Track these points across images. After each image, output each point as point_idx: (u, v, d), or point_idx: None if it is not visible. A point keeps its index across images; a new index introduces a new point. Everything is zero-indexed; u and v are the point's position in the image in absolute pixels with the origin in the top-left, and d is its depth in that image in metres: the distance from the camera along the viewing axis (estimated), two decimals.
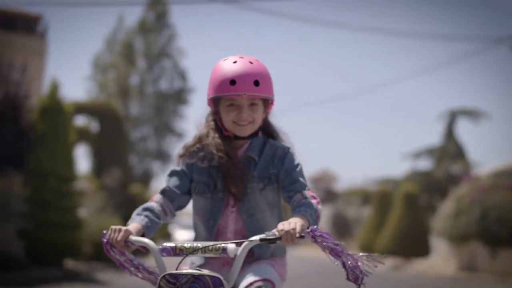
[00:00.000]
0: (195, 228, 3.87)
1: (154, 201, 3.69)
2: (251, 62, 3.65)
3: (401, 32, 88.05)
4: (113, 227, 3.40)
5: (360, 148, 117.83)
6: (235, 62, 3.64)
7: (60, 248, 17.96)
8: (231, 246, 3.24)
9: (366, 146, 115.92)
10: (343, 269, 3.25)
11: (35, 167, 19.15)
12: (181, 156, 3.79)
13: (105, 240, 3.40)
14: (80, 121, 31.62)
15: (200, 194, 3.73)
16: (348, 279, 3.26)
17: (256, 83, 3.57)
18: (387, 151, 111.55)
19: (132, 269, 3.45)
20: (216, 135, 3.71)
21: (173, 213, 3.73)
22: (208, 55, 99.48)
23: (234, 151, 3.72)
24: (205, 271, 3.20)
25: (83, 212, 21.43)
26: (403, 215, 28.94)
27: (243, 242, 3.29)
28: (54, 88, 20.07)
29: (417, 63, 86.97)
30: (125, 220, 4.20)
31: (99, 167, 28.33)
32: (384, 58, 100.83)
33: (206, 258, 3.71)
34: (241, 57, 3.67)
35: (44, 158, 19.11)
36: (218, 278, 3.14)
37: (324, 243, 3.20)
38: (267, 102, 3.75)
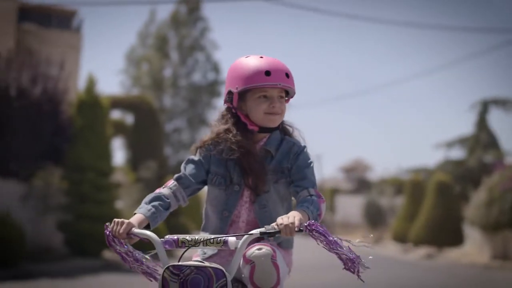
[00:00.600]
0: (206, 216, 3.97)
1: (168, 187, 3.80)
2: (275, 59, 3.81)
3: (432, 25, 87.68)
4: (116, 220, 3.51)
5: (394, 138, 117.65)
6: (261, 57, 3.78)
7: (99, 239, 18.33)
8: (231, 239, 3.34)
9: (400, 136, 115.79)
10: (340, 261, 3.41)
11: (73, 161, 19.60)
12: (198, 147, 3.90)
13: (107, 232, 3.51)
14: (116, 114, 31.93)
15: (217, 186, 3.84)
16: (345, 268, 3.43)
17: (287, 75, 3.72)
18: (421, 141, 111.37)
19: (131, 260, 3.52)
20: (237, 131, 3.80)
21: (185, 200, 3.83)
22: (240, 47, 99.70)
23: (253, 145, 3.83)
24: (207, 263, 3.29)
25: (120, 204, 21.79)
26: (435, 204, 28.82)
27: (243, 235, 3.38)
28: (91, 83, 20.49)
29: (449, 54, 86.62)
30: None
31: (135, 160, 28.62)
32: (417, 50, 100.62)
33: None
34: (265, 56, 3.82)
35: (82, 152, 19.54)
36: (221, 269, 3.24)
37: (320, 237, 3.31)
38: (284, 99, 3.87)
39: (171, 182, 3.83)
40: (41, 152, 19.39)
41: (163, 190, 3.79)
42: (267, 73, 3.67)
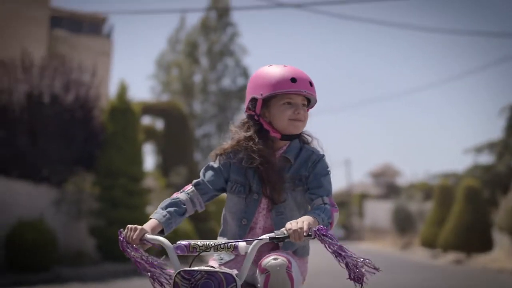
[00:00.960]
0: (224, 222, 3.99)
1: (186, 192, 3.85)
2: (297, 68, 3.85)
3: (462, 31, 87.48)
4: (130, 226, 3.57)
5: (423, 143, 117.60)
6: (285, 66, 3.83)
7: None
8: (241, 244, 3.41)
9: (429, 141, 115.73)
10: (346, 269, 3.42)
11: (105, 167, 19.85)
12: (218, 155, 3.92)
13: (121, 238, 3.58)
14: (146, 120, 32.17)
15: (236, 194, 3.86)
16: (350, 278, 3.44)
17: (311, 84, 3.77)
18: (450, 146, 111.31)
19: (145, 265, 3.58)
20: (259, 140, 3.83)
21: (202, 206, 3.88)
22: (268, 52, 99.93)
23: (273, 153, 3.86)
24: (218, 268, 3.35)
25: (151, 209, 21.95)
26: (464, 210, 28.74)
27: (253, 240, 3.43)
28: (123, 90, 20.76)
29: (479, 60, 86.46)
30: (191, 216, 4.47)
31: (165, 165, 28.81)
32: (447, 56, 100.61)
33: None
34: (288, 65, 3.87)
35: (114, 158, 19.79)
36: (231, 274, 3.29)
37: (330, 244, 3.36)
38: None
39: (189, 187, 3.89)
40: (73, 157, 19.65)
41: (180, 195, 3.85)
42: (293, 80, 3.72)
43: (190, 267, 3.35)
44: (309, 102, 3.89)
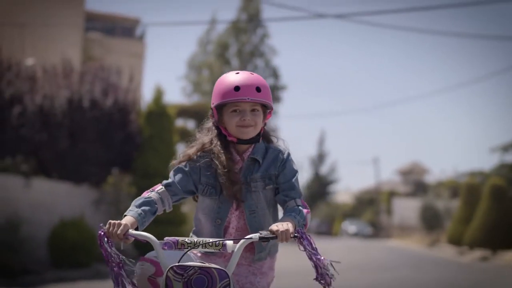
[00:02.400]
0: (197, 223, 4.11)
1: (156, 191, 3.94)
2: (251, 73, 3.96)
3: (487, 35, 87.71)
4: (112, 221, 3.62)
5: (451, 141, 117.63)
6: (237, 73, 3.95)
7: None
8: (229, 242, 3.50)
9: (457, 139, 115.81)
10: (315, 270, 3.61)
11: (142, 168, 20.46)
12: (182, 162, 4.06)
13: (102, 233, 3.61)
14: (179, 122, 32.68)
15: (208, 196, 3.98)
16: (316, 279, 3.61)
17: (258, 89, 3.84)
18: (477, 144, 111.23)
19: (114, 265, 3.66)
20: (219, 142, 3.97)
21: (170, 206, 3.98)
22: (298, 53, 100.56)
23: (239, 154, 4.00)
24: (212, 264, 3.40)
25: (185, 208, 22.49)
26: (491, 208, 28.77)
27: (241, 239, 3.54)
28: (159, 94, 21.51)
29: (504, 61, 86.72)
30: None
31: None
32: (473, 57, 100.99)
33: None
34: (242, 71, 3.98)
35: (150, 160, 20.42)
36: (224, 271, 3.34)
37: (307, 246, 3.56)
38: (266, 111, 4.02)
39: (159, 187, 3.97)
40: (111, 159, 20.30)
41: (151, 194, 3.93)
42: (236, 88, 3.81)
43: (178, 263, 3.42)
44: (267, 106, 3.99)
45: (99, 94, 20.34)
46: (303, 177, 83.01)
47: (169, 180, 4.00)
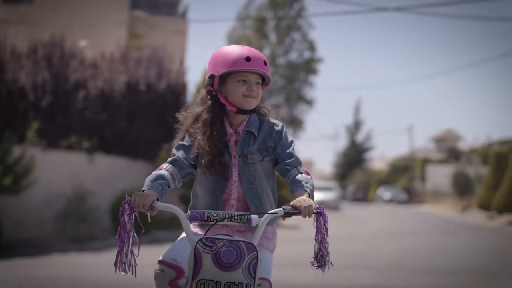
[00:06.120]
0: (195, 196, 4.03)
1: (165, 169, 3.86)
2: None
3: None
4: (138, 192, 3.58)
5: (485, 109, 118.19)
6: (242, 46, 3.95)
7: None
8: (254, 216, 3.47)
9: (491, 107, 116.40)
10: (316, 251, 3.64)
11: None
12: (182, 139, 4.00)
13: (126, 205, 3.53)
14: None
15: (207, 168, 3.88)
16: (314, 259, 3.65)
17: (265, 63, 3.86)
18: (510, 113, 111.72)
19: (125, 241, 3.56)
20: (213, 113, 3.89)
21: (180, 182, 3.89)
22: (333, 27, 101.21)
23: (232, 127, 3.95)
24: (240, 238, 3.41)
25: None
26: None
27: (265, 213, 3.56)
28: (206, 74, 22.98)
29: None
30: None
31: None
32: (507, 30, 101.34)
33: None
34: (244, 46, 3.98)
35: None
36: (252, 244, 3.34)
37: (325, 223, 3.59)
38: (261, 85, 3.96)
39: (166, 165, 3.90)
40: (164, 136, 21.11)
41: (161, 172, 3.84)
42: (248, 59, 3.80)
43: (205, 235, 3.43)
44: (264, 80, 3.98)
45: (154, 79, 21.75)
46: (340, 145, 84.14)
47: (173, 157, 3.94)
